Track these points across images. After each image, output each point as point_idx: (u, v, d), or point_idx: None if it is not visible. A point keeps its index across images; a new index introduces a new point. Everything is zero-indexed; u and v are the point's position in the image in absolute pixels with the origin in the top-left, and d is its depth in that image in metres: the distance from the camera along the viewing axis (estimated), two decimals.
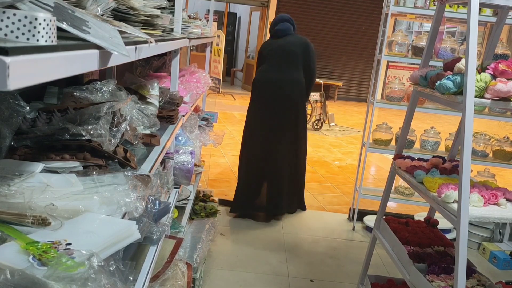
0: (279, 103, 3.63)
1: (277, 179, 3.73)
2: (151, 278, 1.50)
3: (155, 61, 2.71)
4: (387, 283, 2.43)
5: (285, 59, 3.66)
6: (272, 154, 3.69)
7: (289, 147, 3.74)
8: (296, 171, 3.87)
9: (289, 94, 3.64)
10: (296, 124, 3.73)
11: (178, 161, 2.33)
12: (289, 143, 3.72)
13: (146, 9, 1.34)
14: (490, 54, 2.22)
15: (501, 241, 3.59)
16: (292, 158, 3.79)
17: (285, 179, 3.77)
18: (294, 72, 3.67)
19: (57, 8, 0.71)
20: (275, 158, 3.70)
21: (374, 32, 11.46)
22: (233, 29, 15.02)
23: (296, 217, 3.95)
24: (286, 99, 3.64)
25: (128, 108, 1.50)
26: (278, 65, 3.66)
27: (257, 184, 3.78)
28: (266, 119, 3.66)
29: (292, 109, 3.67)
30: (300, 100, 3.73)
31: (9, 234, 0.87)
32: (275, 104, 3.63)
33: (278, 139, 3.67)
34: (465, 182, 1.64)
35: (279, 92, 3.63)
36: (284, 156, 3.72)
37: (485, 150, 3.60)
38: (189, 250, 2.49)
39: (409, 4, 3.49)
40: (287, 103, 3.64)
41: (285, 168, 3.75)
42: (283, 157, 3.72)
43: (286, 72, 3.64)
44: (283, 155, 3.72)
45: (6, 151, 1.15)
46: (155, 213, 1.55)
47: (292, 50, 3.66)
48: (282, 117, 3.65)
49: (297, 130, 3.75)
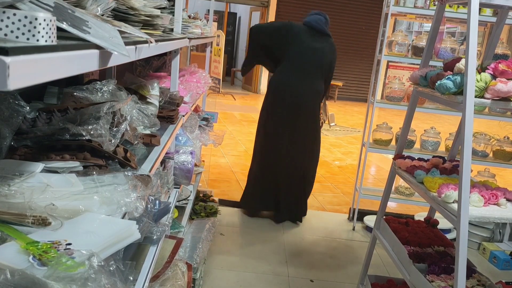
0: (300, 114, 3.48)
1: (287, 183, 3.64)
2: (151, 278, 1.50)
3: (155, 61, 2.71)
4: (387, 283, 2.43)
5: (315, 69, 3.46)
6: (289, 163, 3.58)
7: (306, 156, 3.63)
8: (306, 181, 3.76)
9: (310, 105, 3.50)
10: (314, 136, 3.63)
11: (178, 161, 2.32)
12: (306, 153, 3.62)
13: (146, 9, 1.34)
14: (490, 54, 2.22)
15: (501, 241, 3.58)
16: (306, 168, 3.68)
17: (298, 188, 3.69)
18: (319, 82, 3.53)
19: (57, 8, 0.71)
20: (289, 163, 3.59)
21: (374, 32, 11.46)
22: (233, 29, 15.02)
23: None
24: (307, 110, 3.50)
25: (128, 108, 1.50)
26: (306, 73, 3.45)
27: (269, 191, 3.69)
28: (286, 128, 3.50)
29: (310, 120, 3.56)
30: (317, 111, 3.64)
31: (9, 234, 0.87)
32: (296, 114, 3.47)
33: (296, 149, 3.55)
34: (465, 182, 1.64)
35: (301, 103, 3.45)
36: (297, 162, 3.61)
37: (485, 150, 3.60)
38: (189, 250, 2.49)
39: (409, 4, 3.49)
40: (307, 114, 3.51)
41: (298, 177, 3.66)
42: (296, 163, 3.61)
43: (312, 81, 3.47)
44: (297, 161, 3.61)
45: (6, 151, 1.15)
46: (155, 213, 1.55)
47: (325, 63, 3.49)
48: (301, 128, 3.52)
49: (314, 141, 3.66)
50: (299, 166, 3.63)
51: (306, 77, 3.46)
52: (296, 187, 3.69)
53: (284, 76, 3.48)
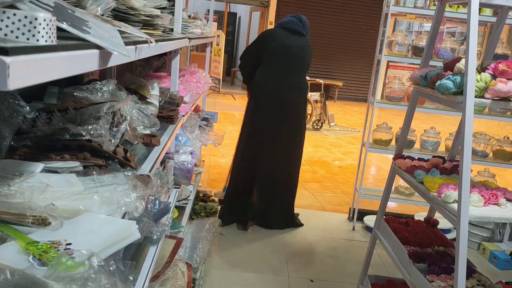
0: (285, 113, 3.45)
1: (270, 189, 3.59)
2: (151, 278, 1.50)
3: (155, 61, 2.71)
4: (387, 283, 2.43)
5: (295, 65, 3.46)
6: (270, 162, 3.53)
7: (288, 156, 3.58)
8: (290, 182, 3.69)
9: (294, 104, 3.48)
10: (298, 134, 3.59)
11: (178, 161, 2.32)
12: (288, 152, 3.57)
13: (146, 9, 1.34)
14: (490, 54, 2.22)
15: (501, 241, 3.58)
16: (288, 168, 3.62)
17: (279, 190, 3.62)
18: (302, 79, 3.53)
19: (57, 8, 0.71)
20: (273, 167, 3.54)
21: (374, 32, 11.46)
22: (233, 29, 15.02)
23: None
24: (292, 109, 3.48)
25: (128, 108, 1.50)
26: (288, 71, 3.44)
27: (248, 193, 3.62)
28: (269, 128, 3.47)
29: (296, 119, 3.53)
30: (303, 109, 3.62)
31: (9, 234, 0.87)
32: (280, 113, 3.44)
33: (279, 148, 3.51)
34: (465, 182, 1.64)
35: (285, 101, 3.43)
36: (281, 166, 3.56)
37: (485, 150, 3.60)
38: (189, 250, 2.49)
39: (409, 4, 3.49)
40: (292, 113, 3.48)
41: (280, 179, 3.60)
42: (280, 167, 3.56)
43: (294, 79, 3.47)
44: (281, 165, 3.56)
45: (6, 151, 1.15)
46: (155, 213, 1.55)
47: (304, 58, 3.50)
48: (286, 127, 3.49)
49: (297, 140, 3.60)
50: (284, 169, 3.57)
51: (290, 74, 3.46)
52: (282, 191, 3.62)
53: (267, 76, 3.47)
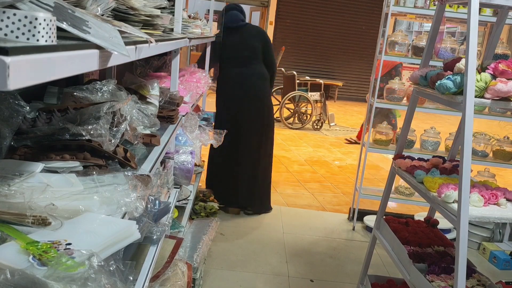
0: (247, 99, 3.69)
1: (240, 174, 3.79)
2: (151, 278, 1.50)
3: (155, 61, 2.71)
4: (387, 283, 2.43)
5: (247, 53, 3.68)
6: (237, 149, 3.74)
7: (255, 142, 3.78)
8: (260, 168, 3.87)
9: (255, 89, 3.69)
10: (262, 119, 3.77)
11: (178, 161, 2.32)
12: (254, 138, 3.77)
13: (146, 9, 1.34)
14: (490, 54, 2.22)
15: (501, 241, 3.58)
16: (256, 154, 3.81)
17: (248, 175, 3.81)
18: (257, 65, 3.72)
19: (57, 8, 0.71)
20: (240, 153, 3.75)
21: (374, 32, 11.46)
22: None
23: (296, 217, 3.95)
24: (253, 94, 3.70)
25: (128, 108, 1.50)
26: (243, 60, 3.68)
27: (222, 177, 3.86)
28: (233, 115, 3.71)
29: (259, 104, 3.74)
30: (266, 95, 3.81)
31: (9, 234, 0.87)
32: (242, 99, 3.69)
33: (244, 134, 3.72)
34: (465, 182, 1.64)
35: (245, 87, 3.68)
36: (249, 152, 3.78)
37: (485, 150, 3.60)
38: (189, 250, 2.49)
39: (409, 4, 3.49)
40: (254, 98, 3.71)
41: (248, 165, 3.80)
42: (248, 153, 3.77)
43: (250, 66, 3.69)
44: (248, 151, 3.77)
45: (6, 151, 1.15)
46: (155, 213, 1.55)
47: (253, 43, 3.69)
48: (249, 113, 3.71)
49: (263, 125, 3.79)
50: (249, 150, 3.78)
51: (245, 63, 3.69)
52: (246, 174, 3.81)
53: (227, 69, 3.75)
